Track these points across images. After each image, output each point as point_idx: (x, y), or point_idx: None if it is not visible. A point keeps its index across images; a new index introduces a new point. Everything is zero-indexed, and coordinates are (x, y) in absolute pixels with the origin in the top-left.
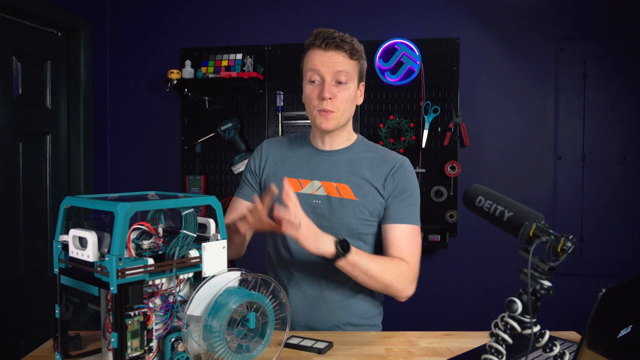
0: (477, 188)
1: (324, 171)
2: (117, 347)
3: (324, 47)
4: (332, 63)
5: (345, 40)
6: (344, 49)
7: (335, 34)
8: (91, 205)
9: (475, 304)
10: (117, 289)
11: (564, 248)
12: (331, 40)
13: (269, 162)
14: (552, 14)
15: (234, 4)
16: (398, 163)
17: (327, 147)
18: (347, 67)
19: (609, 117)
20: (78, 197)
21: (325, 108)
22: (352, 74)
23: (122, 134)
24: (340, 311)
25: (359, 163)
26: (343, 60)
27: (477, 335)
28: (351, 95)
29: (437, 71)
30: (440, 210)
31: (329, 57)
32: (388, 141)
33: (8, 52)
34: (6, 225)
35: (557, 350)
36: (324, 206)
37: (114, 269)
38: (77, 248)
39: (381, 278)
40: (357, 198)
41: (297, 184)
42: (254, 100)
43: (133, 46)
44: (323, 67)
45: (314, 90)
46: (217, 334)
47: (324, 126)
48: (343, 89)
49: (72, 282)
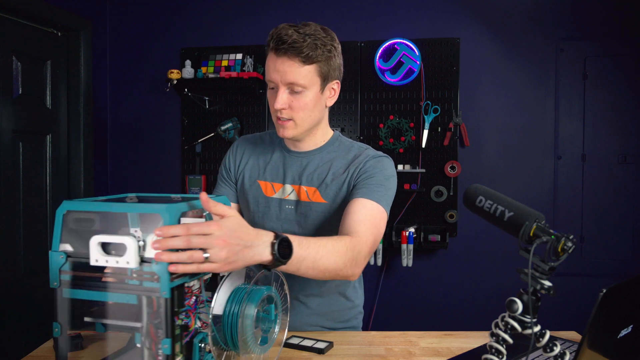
0: (478, 188)
1: (294, 174)
2: (170, 353)
3: (274, 52)
4: (282, 72)
5: (296, 46)
6: (295, 56)
7: (288, 37)
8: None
9: (475, 304)
10: (170, 293)
11: (564, 248)
12: (281, 46)
13: (245, 161)
14: (552, 14)
15: (234, 4)
16: (372, 156)
17: (299, 148)
18: (300, 75)
19: (609, 117)
20: (77, 201)
21: (280, 117)
22: (309, 81)
23: (122, 134)
24: (318, 316)
25: (330, 163)
26: (295, 68)
27: (477, 335)
28: (309, 103)
29: (437, 71)
30: (440, 210)
31: (280, 65)
32: (388, 141)
33: (8, 52)
34: (6, 225)
35: (558, 350)
36: (295, 212)
37: (166, 272)
38: (104, 255)
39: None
40: (326, 200)
41: (270, 188)
42: (254, 100)
43: (133, 46)
44: (275, 75)
45: (271, 96)
46: (248, 328)
47: (282, 134)
48: (298, 97)
49: (88, 295)
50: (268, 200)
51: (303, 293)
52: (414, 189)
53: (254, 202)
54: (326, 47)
